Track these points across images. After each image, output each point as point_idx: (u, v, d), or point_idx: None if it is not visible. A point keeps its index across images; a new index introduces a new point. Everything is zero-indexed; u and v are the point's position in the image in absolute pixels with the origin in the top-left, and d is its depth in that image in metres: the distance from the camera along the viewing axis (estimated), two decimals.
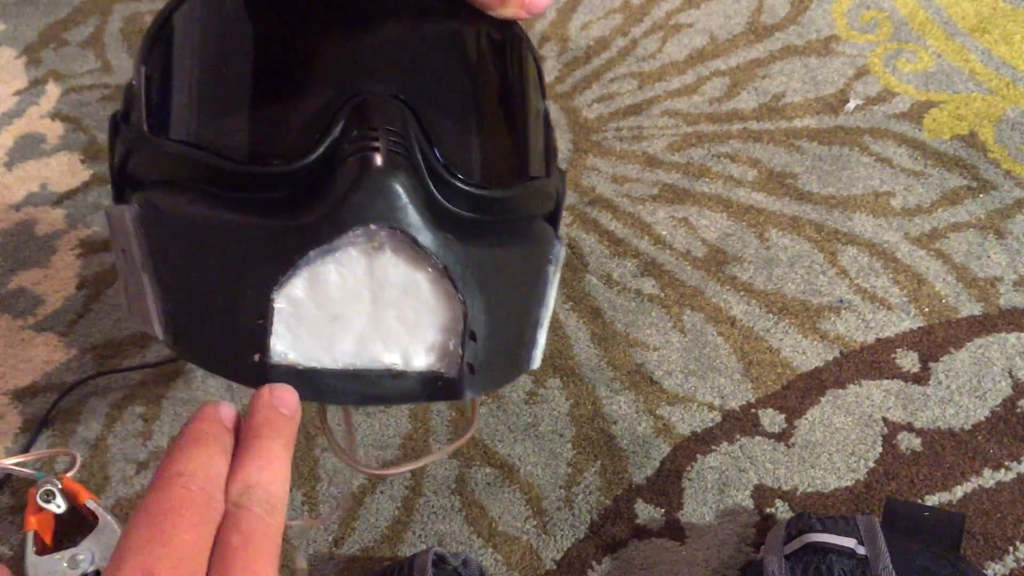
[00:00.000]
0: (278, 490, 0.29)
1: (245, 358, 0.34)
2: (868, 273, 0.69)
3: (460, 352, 0.36)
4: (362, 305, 0.34)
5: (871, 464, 0.58)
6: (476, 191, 0.38)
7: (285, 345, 0.34)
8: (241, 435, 0.30)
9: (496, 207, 0.39)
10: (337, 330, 0.35)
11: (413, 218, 0.34)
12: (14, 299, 0.74)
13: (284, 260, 0.33)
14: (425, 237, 0.34)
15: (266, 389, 0.32)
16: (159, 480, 0.28)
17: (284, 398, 0.32)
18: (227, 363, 0.35)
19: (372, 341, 0.35)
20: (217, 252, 0.35)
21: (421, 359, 0.36)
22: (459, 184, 0.37)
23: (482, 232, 0.37)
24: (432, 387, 0.36)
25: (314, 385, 0.34)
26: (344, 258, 0.34)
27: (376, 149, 0.34)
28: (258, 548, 0.27)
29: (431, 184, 0.36)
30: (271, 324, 0.34)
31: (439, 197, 0.36)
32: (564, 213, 0.76)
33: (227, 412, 0.31)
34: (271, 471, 0.29)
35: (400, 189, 0.34)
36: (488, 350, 0.36)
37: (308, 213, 0.34)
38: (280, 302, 0.34)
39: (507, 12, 0.37)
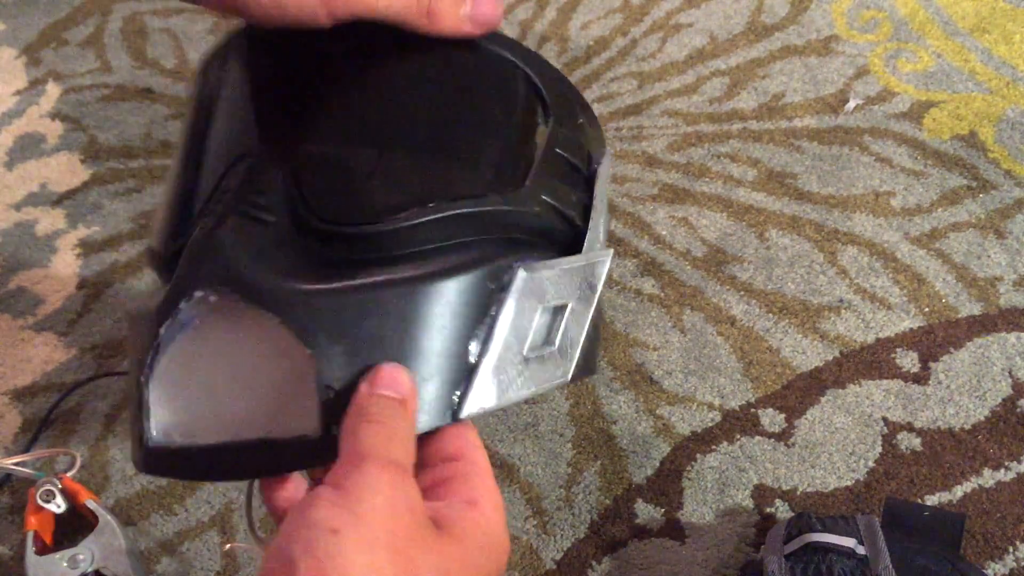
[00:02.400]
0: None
1: (137, 447, 0.34)
2: (868, 273, 0.69)
3: (317, 410, 0.31)
4: (220, 375, 0.32)
5: (871, 464, 0.58)
6: (354, 230, 0.34)
7: (162, 428, 0.33)
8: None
9: (387, 242, 0.34)
10: (209, 405, 0.33)
11: (247, 277, 0.32)
12: (14, 299, 0.74)
13: (149, 344, 0.33)
14: (262, 294, 0.31)
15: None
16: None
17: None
18: (134, 454, 0.35)
19: (235, 411, 0.32)
20: (131, 342, 0.36)
21: (283, 424, 0.32)
22: (334, 228, 0.34)
23: (372, 271, 0.34)
24: (303, 451, 0.32)
25: (189, 464, 0.33)
26: (194, 330, 0.32)
27: (215, 213, 0.33)
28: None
29: (294, 235, 0.33)
30: (146, 410, 0.33)
31: (296, 248, 0.33)
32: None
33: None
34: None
35: (228, 249, 0.32)
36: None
37: (162, 293, 0.33)
38: (154, 386, 0.33)
39: (444, 27, 0.34)
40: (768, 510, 0.57)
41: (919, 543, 0.49)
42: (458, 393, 0.32)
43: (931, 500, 0.56)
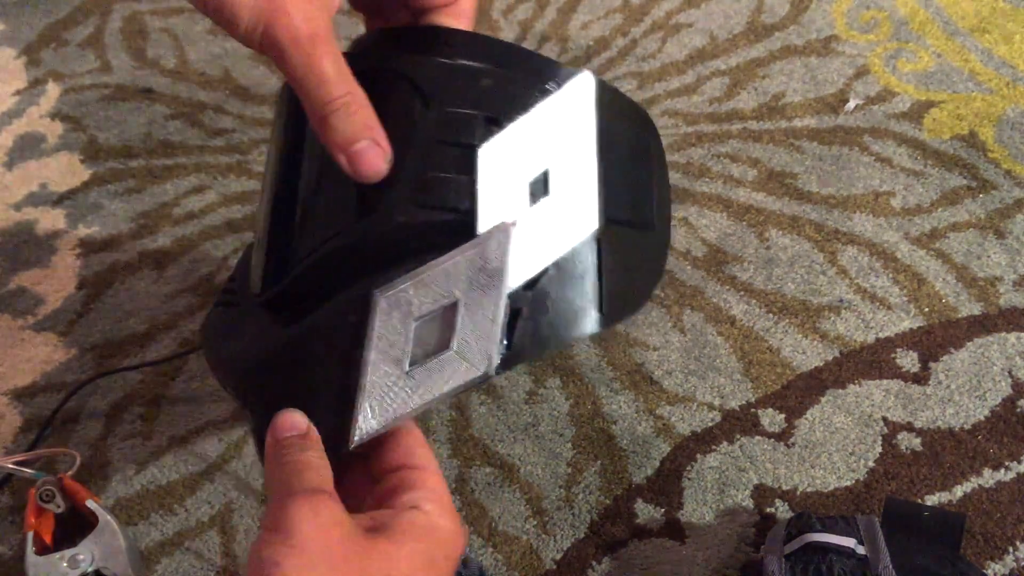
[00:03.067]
0: None
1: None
2: (868, 273, 0.69)
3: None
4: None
5: (871, 464, 0.58)
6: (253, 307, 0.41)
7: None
8: None
9: (277, 306, 0.39)
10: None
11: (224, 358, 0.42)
12: (14, 299, 0.74)
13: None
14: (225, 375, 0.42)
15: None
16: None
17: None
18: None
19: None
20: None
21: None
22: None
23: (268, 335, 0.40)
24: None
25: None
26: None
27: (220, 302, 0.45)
28: None
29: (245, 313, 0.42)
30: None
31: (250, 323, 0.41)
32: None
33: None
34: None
35: (212, 339, 0.42)
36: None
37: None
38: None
39: (326, 140, 0.34)
40: (768, 510, 0.57)
41: (919, 543, 0.49)
42: (345, 424, 0.35)
43: (931, 500, 0.56)
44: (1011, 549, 0.53)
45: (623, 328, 0.67)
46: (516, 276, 0.35)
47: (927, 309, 0.66)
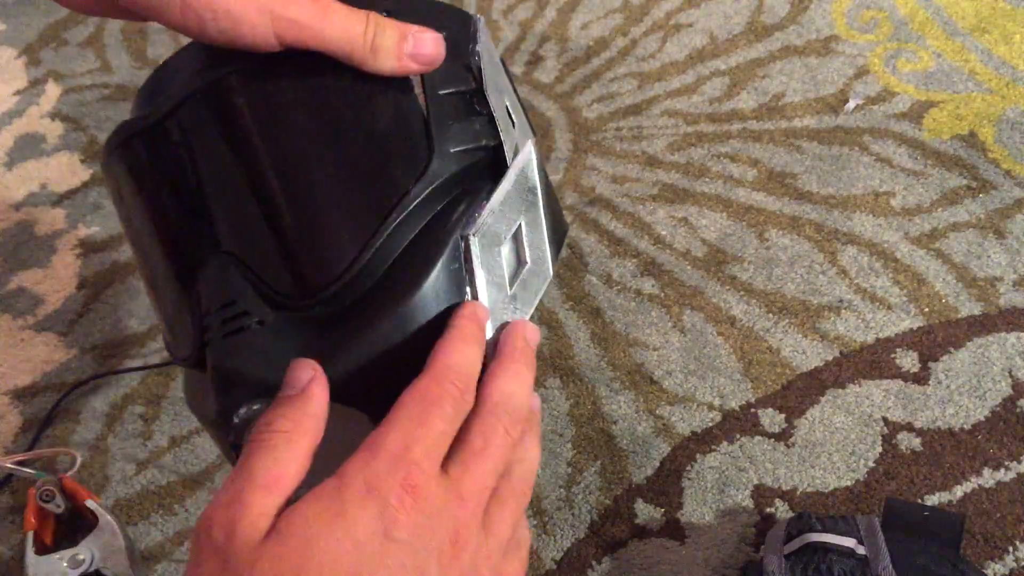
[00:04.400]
0: (522, 404, 0.33)
1: None
2: (868, 273, 0.69)
3: None
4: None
5: (871, 464, 0.58)
6: (330, 293, 0.35)
7: None
8: (497, 353, 0.34)
9: (357, 286, 0.36)
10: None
11: (275, 383, 0.34)
12: (14, 299, 0.74)
13: (229, 448, 0.36)
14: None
15: (520, 323, 0.36)
16: (433, 366, 0.31)
17: (532, 334, 0.36)
18: None
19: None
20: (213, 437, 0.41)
21: None
22: (311, 301, 0.35)
23: (361, 316, 0.36)
24: None
25: None
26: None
27: (213, 340, 0.35)
28: (494, 454, 0.31)
29: (283, 322, 0.35)
30: None
31: (293, 331, 0.35)
32: (564, 212, 0.76)
33: (483, 313, 0.34)
34: (521, 386, 0.33)
35: (244, 374, 0.34)
36: None
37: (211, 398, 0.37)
38: None
39: (386, 65, 0.34)
40: (768, 510, 0.57)
41: (919, 543, 0.49)
42: None
43: (931, 500, 0.56)
44: (1011, 549, 0.53)
45: (623, 328, 0.67)
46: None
47: (927, 309, 0.66)
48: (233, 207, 0.37)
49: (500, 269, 0.37)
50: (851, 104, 0.82)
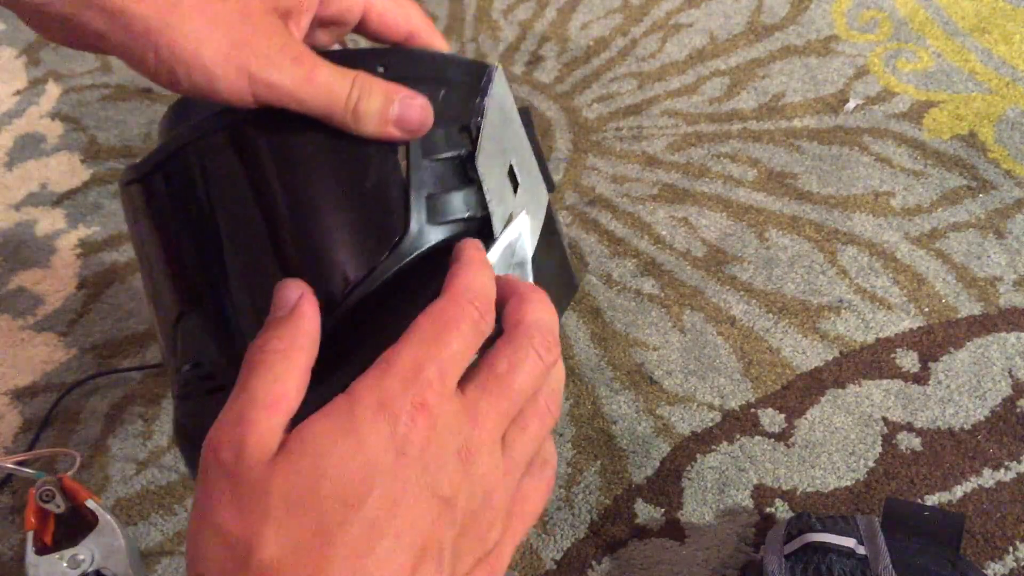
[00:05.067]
0: (554, 328, 0.33)
1: None
2: (868, 273, 0.69)
3: None
4: None
5: (871, 464, 0.58)
6: None
7: None
8: (517, 290, 0.33)
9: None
10: None
11: None
12: (14, 299, 0.74)
13: None
14: None
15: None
16: (450, 290, 0.31)
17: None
18: None
19: None
20: None
21: None
22: None
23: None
24: None
25: None
26: None
27: (184, 408, 0.36)
28: (519, 379, 0.31)
29: None
30: None
31: None
32: (564, 213, 0.76)
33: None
34: (550, 312, 0.33)
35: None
36: None
37: None
38: None
39: (368, 129, 0.33)
40: (768, 510, 0.57)
41: (919, 543, 0.49)
42: None
43: (931, 500, 0.56)
44: (1011, 549, 0.53)
45: (623, 328, 0.67)
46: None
47: (927, 309, 0.66)
48: (209, 264, 0.36)
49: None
50: (851, 104, 0.82)
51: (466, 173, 0.36)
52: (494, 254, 0.35)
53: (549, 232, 0.40)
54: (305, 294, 0.31)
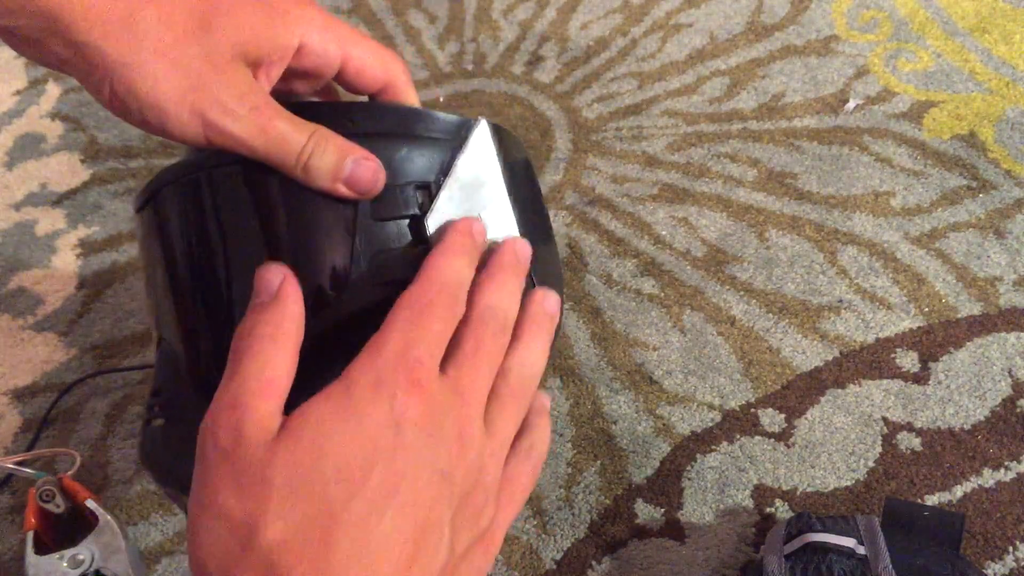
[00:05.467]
0: (507, 312, 0.34)
1: None
2: (868, 273, 0.69)
3: None
4: None
5: (871, 464, 0.58)
6: None
7: None
8: (486, 266, 0.35)
9: None
10: None
11: None
12: (14, 299, 0.74)
13: None
14: None
15: (511, 240, 0.36)
16: (424, 275, 0.32)
17: (523, 248, 0.36)
18: None
19: None
20: None
21: None
22: None
23: None
24: None
25: None
26: None
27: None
28: (485, 357, 0.32)
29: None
30: None
31: None
32: (564, 213, 0.76)
33: (479, 228, 0.35)
34: (507, 295, 0.34)
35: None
36: None
37: None
38: None
39: (317, 184, 0.34)
40: (768, 510, 0.57)
41: (919, 543, 0.49)
42: None
43: (931, 500, 0.56)
44: (1011, 549, 0.53)
45: (623, 328, 0.67)
46: None
47: (927, 309, 0.66)
48: (174, 295, 0.37)
49: None
50: (851, 104, 0.82)
51: (420, 232, 0.36)
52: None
53: (550, 277, 0.39)
54: (287, 277, 0.31)
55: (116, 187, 0.83)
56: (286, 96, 0.38)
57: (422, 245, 0.35)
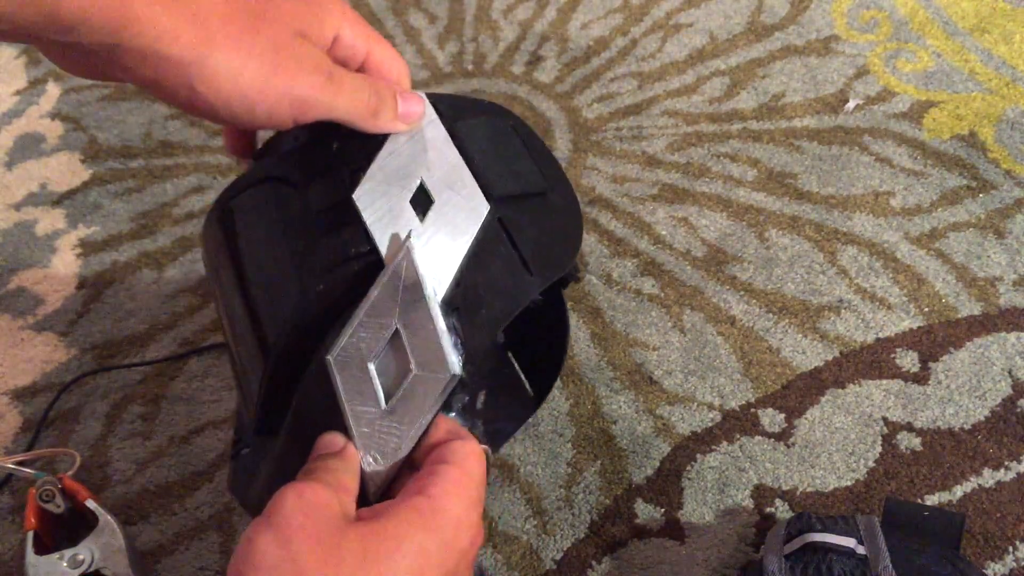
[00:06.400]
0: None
1: None
2: (868, 273, 0.69)
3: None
4: None
5: (871, 464, 0.58)
6: None
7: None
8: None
9: None
10: None
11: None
12: (14, 299, 0.74)
13: None
14: None
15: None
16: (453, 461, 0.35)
17: None
18: None
19: None
20: None
21: None
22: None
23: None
24: None
25: None
26: None
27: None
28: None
29: None
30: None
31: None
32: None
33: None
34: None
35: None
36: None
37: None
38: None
39: (383, 126, 0.39)
40: (768, 510, 0.57)
41: (919, 543, 0.49)
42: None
43: (931, 500, 0.56)
44: (1011, 549, 0.53)
45: (623, 328, 0.67)
46: (440, 281, 0.37)
47: (927, 309, 0.66)
48: (228, 335, 0.42)
49: (371, 387, 0.36)
50: (851, 104, 0.82)
51: (345, 214, 0.37)
52: (375, 289, 0.36)
53: (493, 238, 0.39)
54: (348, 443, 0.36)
55: (116, 187, 0.83)
56: None
57: (355, 224, 0.37)
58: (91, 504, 0.56)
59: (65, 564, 0.53)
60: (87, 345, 0.70)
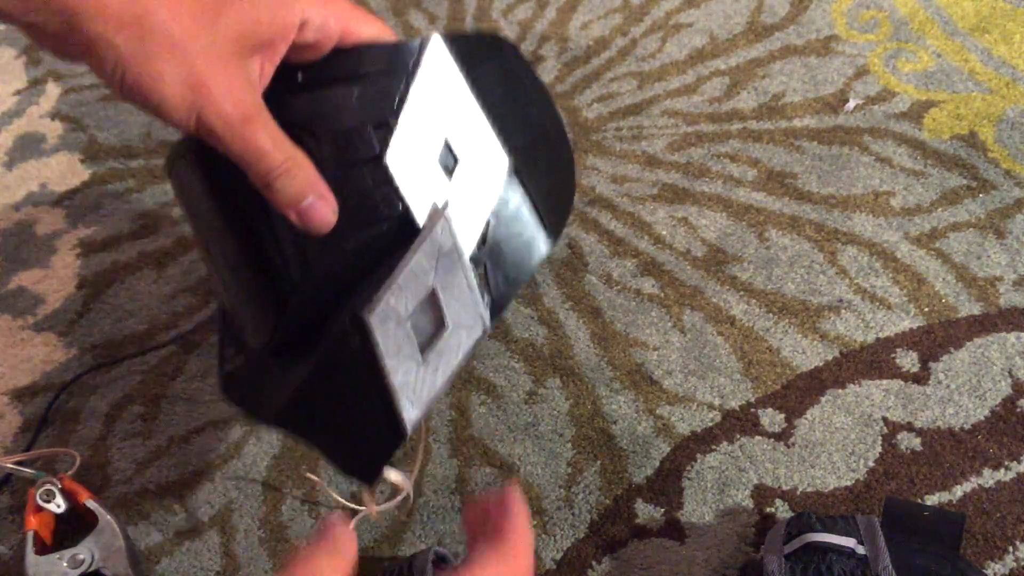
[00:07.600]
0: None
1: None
2: (868, 273, 0.69)
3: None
4: None
5: (871, 464, 0.58)
6: None
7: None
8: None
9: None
10: None
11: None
12: (14, 299, 0.74)
13: None
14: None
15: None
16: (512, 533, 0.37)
17: None
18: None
19: None
20: None
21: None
22: None
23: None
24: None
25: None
26: None
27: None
28: None
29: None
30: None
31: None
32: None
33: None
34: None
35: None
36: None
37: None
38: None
39: (273, 202, 0.37)
40: (768, 510, 0.57)
41: (919, 543, 0.49)
42: (394, 424, 0.38)
43: (931, 500, 0.56)
44: (1011, 549, 0.53)
45: (623, 328, 0.67)
46: (468, 242, 0.39)
47: (927, 309, 0.66)
48: (211, 263, 0.43)
49: (408, 343, 0.38)
50: (851, 104, 0.82)
51: (383, 172, 0.38)
52: (414, 251, 0.37)
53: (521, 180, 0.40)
54: (350, 532, 0.36)
55: (116, 187, 0.83)
56: (290, 62, 0.40)
57: (387, 185, 0.37)
58: (91, 504, 0.56)
59: (65, 564, 0.53)
60: (87, 345, 0.70)
